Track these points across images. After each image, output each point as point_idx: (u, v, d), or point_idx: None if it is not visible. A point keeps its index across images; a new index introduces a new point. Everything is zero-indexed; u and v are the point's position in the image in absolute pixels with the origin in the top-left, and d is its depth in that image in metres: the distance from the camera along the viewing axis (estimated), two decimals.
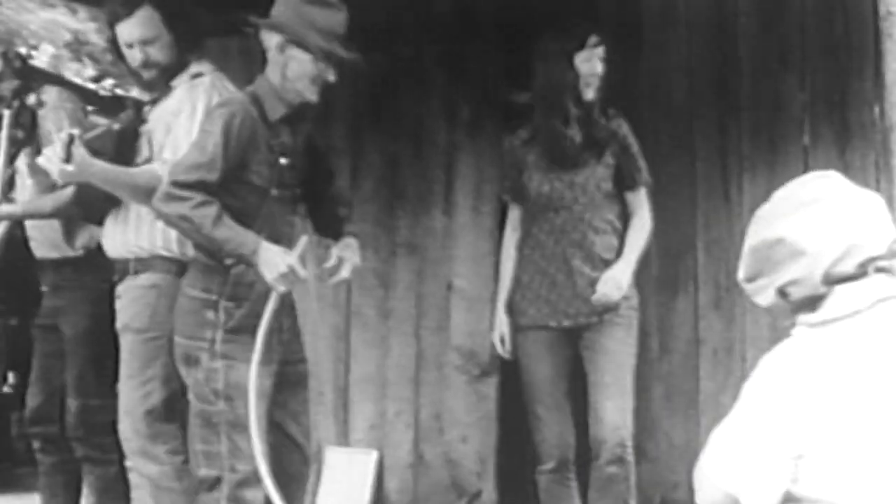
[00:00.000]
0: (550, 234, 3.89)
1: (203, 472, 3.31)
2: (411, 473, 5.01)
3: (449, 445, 4.97)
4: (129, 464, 3.76)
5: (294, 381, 3.44)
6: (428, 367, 5.03)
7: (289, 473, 3.41)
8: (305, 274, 3.23)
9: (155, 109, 3.65)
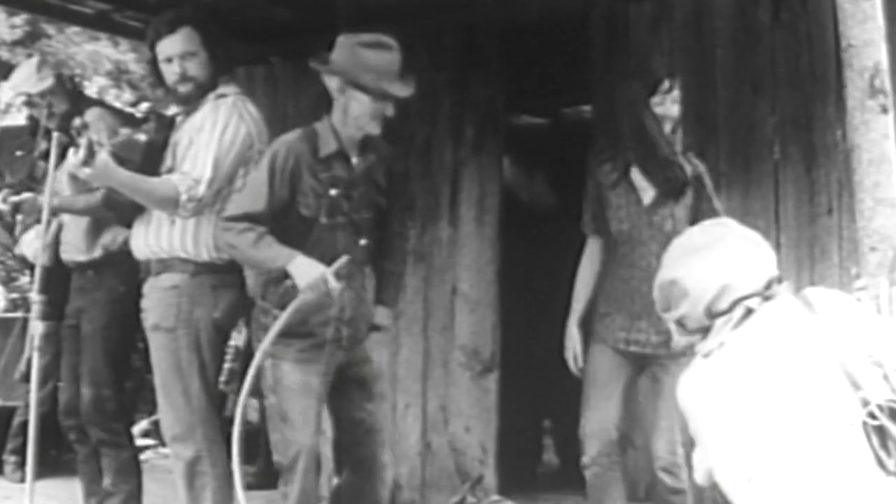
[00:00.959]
0: (627, 267, 3.73)
1: (276, 458, 3.52)
2: (419, 460, 5.19)
3: (454, 435, 5.13)
4: (168, 450, 3.87)
5: (358, 379, 3.57)
6: (435, 364, 5.19)
7: (361, 458, 3.58)
8: (336, 286, 3.30)
9: (184, 124, 3.74)
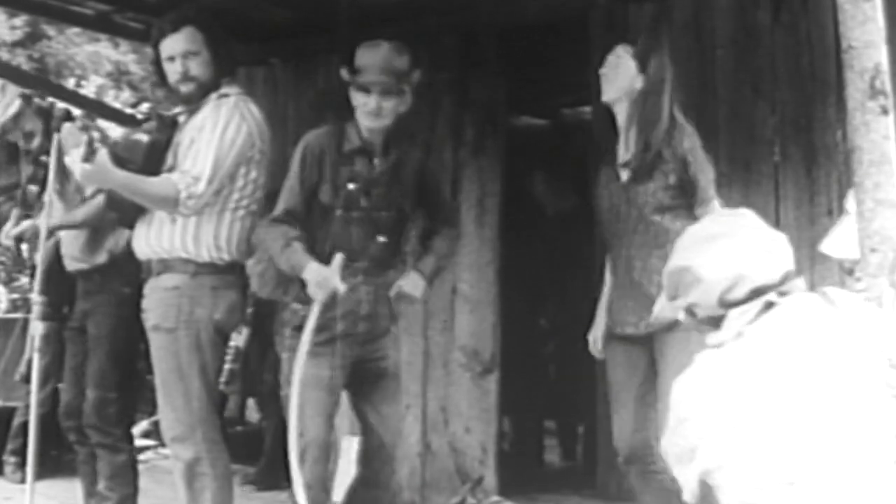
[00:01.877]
0: (615, 248, 3.71)
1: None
2: (420, 461, 5.21)
3: (454, 436, 5.16)
4: (167, 451, 3.83)
5: (373, 375, 3.69)
6: (435, 364, 5.22)
7: (370, 458, 3.72)
8: (339, 285, 3.44)
9: (186, 124, 3.74)
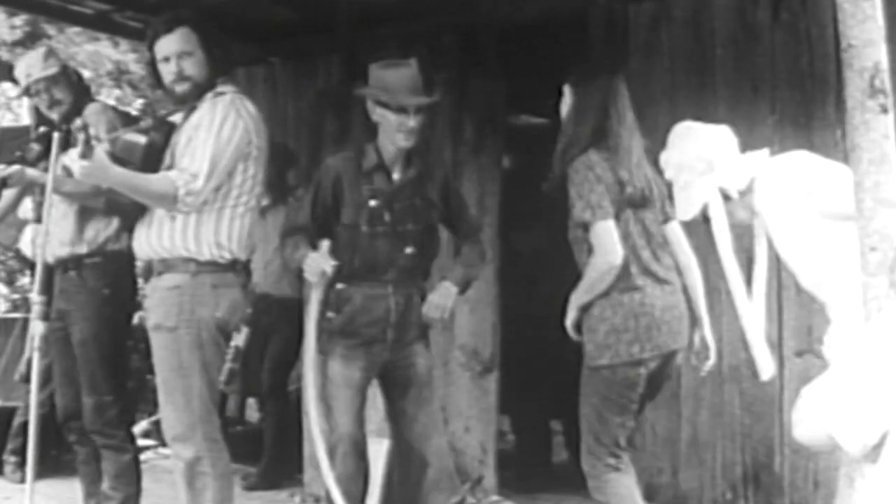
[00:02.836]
0: None
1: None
2: None
3: (453, 435, 5.14)
4: (168, 450, 3.84)
5: (402, 382, 3.90)
6: (434, 364, 5.09)
7: (400, 462, 3.95)
8: (327, 266, 3.65)
9: (183, 124, 3.74)
